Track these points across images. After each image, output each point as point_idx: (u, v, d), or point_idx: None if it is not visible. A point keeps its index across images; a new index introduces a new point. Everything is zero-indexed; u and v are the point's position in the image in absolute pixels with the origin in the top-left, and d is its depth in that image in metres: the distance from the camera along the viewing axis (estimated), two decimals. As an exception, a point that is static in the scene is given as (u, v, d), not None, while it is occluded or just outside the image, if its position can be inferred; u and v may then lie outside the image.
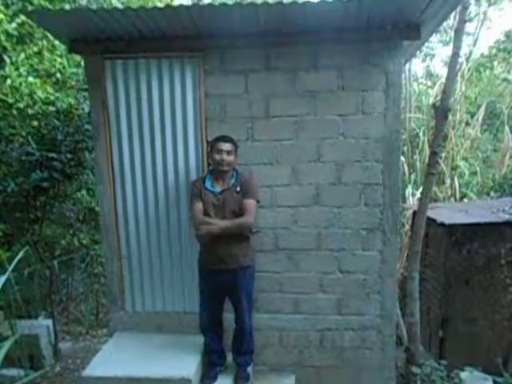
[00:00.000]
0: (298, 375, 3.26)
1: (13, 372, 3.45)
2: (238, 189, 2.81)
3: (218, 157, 2.76)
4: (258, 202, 2.87)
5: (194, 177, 3.13)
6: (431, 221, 4.18)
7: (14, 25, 4.06)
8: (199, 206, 2.80)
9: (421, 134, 7.29)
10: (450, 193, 6.92)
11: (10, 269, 2.54)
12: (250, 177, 2.97)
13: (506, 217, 4.00)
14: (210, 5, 2.52)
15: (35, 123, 4.21)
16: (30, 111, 4.07)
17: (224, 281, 2.82)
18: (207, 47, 2.98)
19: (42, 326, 4.08)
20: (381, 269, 3.12)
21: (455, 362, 3.75)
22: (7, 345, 2.26)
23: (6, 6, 4.15)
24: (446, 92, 3.43)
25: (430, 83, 10.32)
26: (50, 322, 4.23)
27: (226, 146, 2.76)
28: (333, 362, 3.25)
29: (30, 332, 3.88)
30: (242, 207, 2.79)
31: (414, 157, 7.18)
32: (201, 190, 2.82)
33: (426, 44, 10.20)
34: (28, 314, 4.50)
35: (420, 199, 3.71)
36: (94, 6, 4.21)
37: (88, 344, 4.71)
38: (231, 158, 2.78)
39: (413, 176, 6.97)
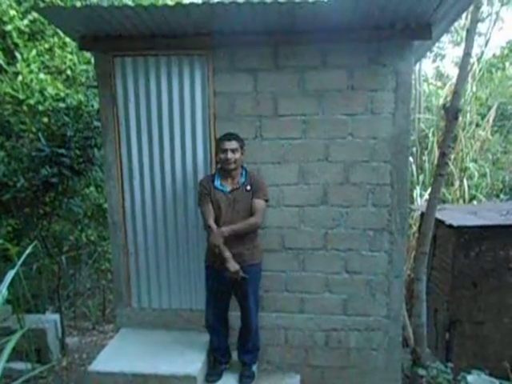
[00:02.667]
0: (303, 375, 3.25)
1: (20, 365, 3.49)
2: (249, 187, 2.81)
3: (223, 156, 2.75)
4: (267, 201, 2.88)
5: (202, 174, 3.13)
6: (439, 222, 4.15)
7: (25, 22, 4.10)
8: (210, 208, 2.80)
9: (430, 135, 7.24)
10: (458, 194, 6.87)
11: (19, 263, 2.56)
12: (260, 176, 2.97)
13: (516, 219, 3.96)
14: (220, 3, 2.51)
15: (45, 119, 4.24)
16: (40, 107, 4.10)
17: (230, 280, 2.82)
18: (216, 45, 2.98)
19: (49, 320, 4.12)
20: (388, 270, 3.10)
21: (462, 365, 3.73)
22: (15, 338, 2.28)
23: (18, 3, 4.19)
24: (457, 93, 3.40)
25: (440, 84, 10.23)
26: (57, 316, 4.27)
27: (230, 145, 2.75)
28: (338, 362, 3.24)
29: (38, 326, 3.92)
30: (252, 206, 2.79)
31: (423, 158, 7.14)
32: (210, 189, 2.82)
33: (437, 44, 10.12)
34: (36, 308, 4.54)
35: (428, 200, 3.68)
36: (105, 4, 4.23)
37: (94, 339, 4.75)
38: (237, 155, 2.76)
39: (421, 177, 6.92)
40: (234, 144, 2.76)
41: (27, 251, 2.74)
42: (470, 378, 3.39)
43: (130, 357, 2.96)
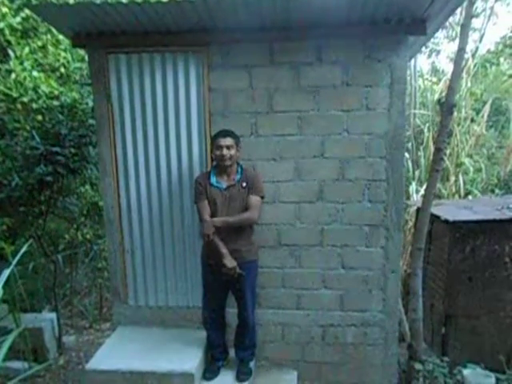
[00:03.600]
0: (300, 371, 3.27)
1: (17, 365, 3.48)
2: (244, 184, 2.81)
3: (218, 153, 2.75)
4: (262, 198, 2.88)
5: (197, 171, 3.13)
6: (435, 217, 4.17)
7: (18, 19, 4.05)
8: (205, 205, 2.80)
9: (425, 131, 7.25)
10: (454, 190, 6.89)
11: (14, 262, 2.55)
12: (256, 172, 2.96)
13: (511, 214, 3.97)
14: (214, -1, 2.51)
15: (39, 117, 4.21)
16: (34, 105, 4.07)
17: (227, 276, 2.82)
18: (211, 42, 2.97)
19: (45, 319, 4.10)
20: (384, 265, 3.11)
21: (458, 359, 3.75)
22: (11, 338, 2.27)
23: (11, 1, 4.15)
24: (452, 88, 3.41)
25: (435, 79, 10.24)
26: (53, 315, 4.25)
27: (226, 141, 2.74)
28: (335, 358, 3.26)
29: (34, 325, 3.90)
30: (247, 202, 2.79)
31: (419, 153, 7.15)
32: (206, 186, 2.81)
33: (432, 40, 10.11)
34: (32, 307, 4.52)
35: (424, 196, 3.69)
36: (98, 0, 4.20)
37: (91, 338, 4.73)
38: (232, 152, 2.76)
39: (417, 172, 6.94)
40: (229, 140, 2.75)
41: (23, 250, 2.73)
42: (465, 371, 3.43)
43: (128, 354, 2.97)
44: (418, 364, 3.44)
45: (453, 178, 6.90)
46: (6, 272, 2.40)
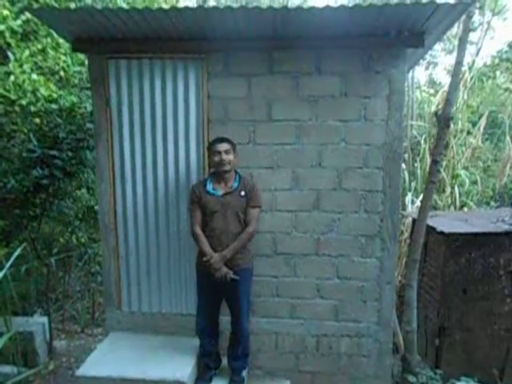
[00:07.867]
0: (293, 380, 3.25)
1: (6, 369, 3.44)
2: (243, 193, 2.81)
3: (216, 158, 2.76)
4: (260, 207, 2.88)
5: (195, 178, 3.13)
6: (431, 229, 4.17)
7: (18, 22, 4.06)
8: (197, 215, 2.82)
9: (422, 142, 7.29)
10: (449, 201, 6.91)
11: (8, 265, 2.53)
12: (254, 181, 2.96)
13: (506, 227, 3.99)
14: (215, 7, 2.52)
15: (37, 120, 4.21)
16: (32, 108, 4.07)
17: (222, 283, 2.81)
18: (211, 50, 2.98)
19: (37, 323, 4.06)
20: (379, 276, 3.11)
21: (451, 372, 3.73)
22: (1, 341, 2.25)
23: (12, 3, 4.16)
24: (449, 100, 3.43)
25: (432, 91, 10.33)
26: (45, 319, 4.21)
27: (223, 146, 2.75)
28: (328, 368, 3.24)
29: (25, 329, 3.86)
30: (248, 215, 2.80)
31: (415, 164, 7.18)
32: (201, 195, 2.81)
33: (430, 52, 10.23)
34: (23, 311, 4.48)
35: (420, 207, 3.70)
36: (100, 6, 4.21)
37: (83, 343, 4.68)
38: (230, 157, 2.77)
39: (413, 184, 6.96)
40: (226, 146, 2.76)
41: (16, 253, 2.72)
42: (459, 384, 3.41)
43: (119, 361, 2.94)
44: (412, 376, 3.43)
45: (448, 190, 6.92)
46: (-1, 275, 2.39)
